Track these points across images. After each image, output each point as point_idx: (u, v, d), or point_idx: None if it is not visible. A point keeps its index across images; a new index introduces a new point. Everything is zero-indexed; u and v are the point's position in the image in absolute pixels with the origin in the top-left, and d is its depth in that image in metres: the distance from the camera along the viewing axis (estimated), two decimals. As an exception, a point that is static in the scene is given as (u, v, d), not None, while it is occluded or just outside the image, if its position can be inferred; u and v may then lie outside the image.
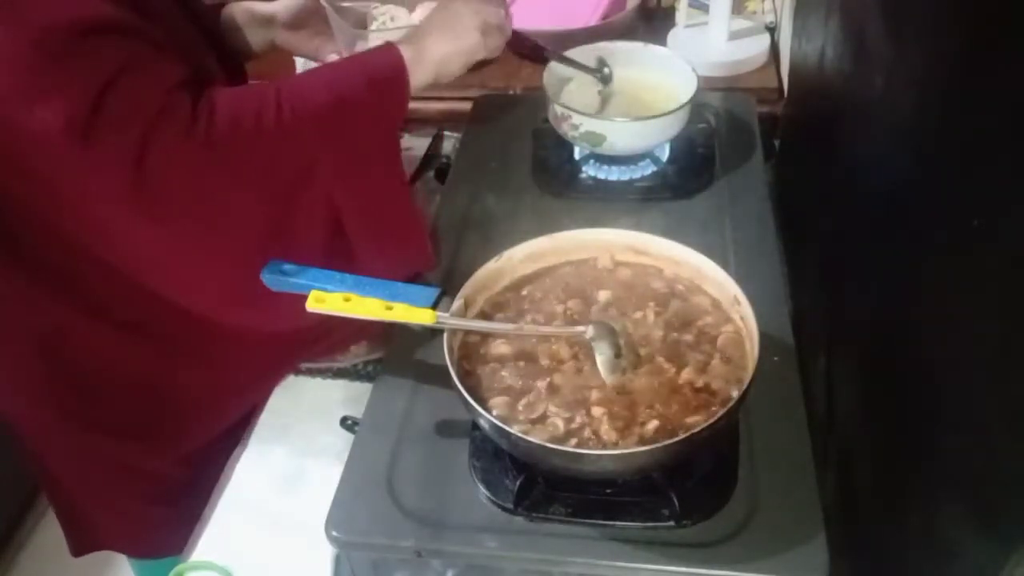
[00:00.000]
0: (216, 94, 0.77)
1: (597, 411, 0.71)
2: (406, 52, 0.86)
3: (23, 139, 0.71)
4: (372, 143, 0.84)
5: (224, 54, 1.01)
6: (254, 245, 0.80)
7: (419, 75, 0.86)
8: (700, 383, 0.73)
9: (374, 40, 1.21)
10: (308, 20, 1.09)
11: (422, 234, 0.92)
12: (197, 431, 1.01)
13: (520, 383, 0.74)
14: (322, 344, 1.01)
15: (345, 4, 1.20)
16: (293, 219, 0.81)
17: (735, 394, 0.70)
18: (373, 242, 0.87)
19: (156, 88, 0.73)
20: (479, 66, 1.47)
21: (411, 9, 1.33)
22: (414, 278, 0.93)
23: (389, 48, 0.87)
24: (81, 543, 1.10)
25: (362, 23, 1.28)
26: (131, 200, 0.74)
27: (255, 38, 1.07)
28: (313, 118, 0.80)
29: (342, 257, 0.85)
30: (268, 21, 1.07)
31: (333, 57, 1.09)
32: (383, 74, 0.85)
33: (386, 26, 1.28)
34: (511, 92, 1.41)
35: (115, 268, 0.82)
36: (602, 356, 0.73)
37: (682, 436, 0.66)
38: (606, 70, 1.13)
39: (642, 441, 0.69)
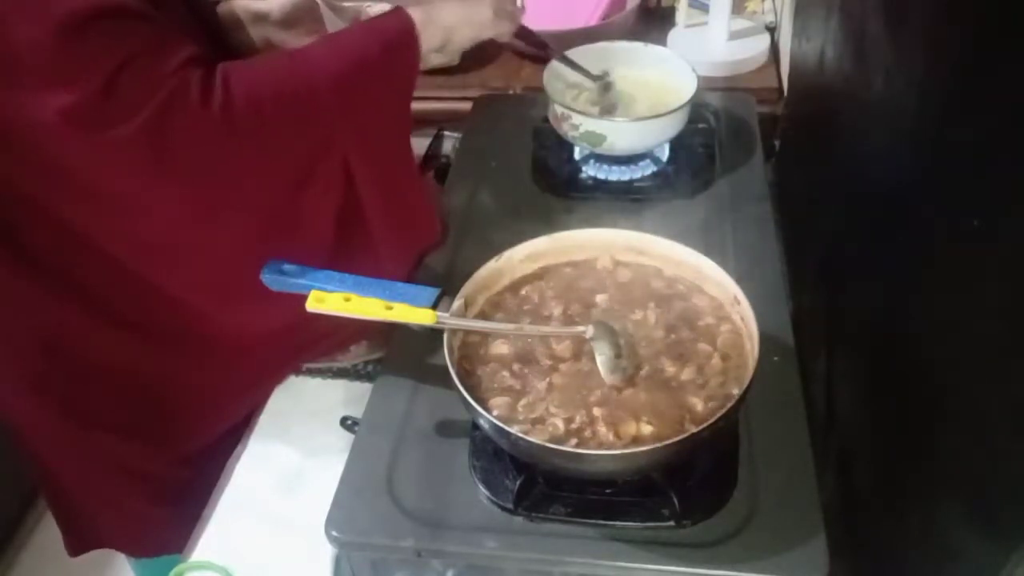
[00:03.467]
0: (230, 67, 0.78)
1: (597, 411, 0.71)
2: (415, 15, 0.86)
3: (37, 124, 0.72)
4: (385, 108, 0.86)
5: (223, 50, 1.01)
6: (270, 220, 0.81)
7: (428, 38, 0.87)
8: (700, 383, 0.73)
9: None
10: (302, 18, 1.09)
11: (430, 205, 0.94)
12: (198, 431, 1.01)
13: (520, 383, 0.74)
14: (322, 344, 1.01)
15: (341, 3, 1.20)
16: (310, 191, 0.82)
17: (735, 394, 0.70)
18: (386, 212, 0.88)
19: (168, 66, 0.74)
20: (482, 64, 1.48)
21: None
22: (418, 267, 0.95)
23: (398, 12, 0.87)
24: (79, 542, 1.10)
25: (357, 21, 1.28)
26: (149, 175, 0.75)
27: (254, 35, 1.07)
28: (330, 86, 0.81)
29: (355, 232, 0.86)
30: (262, 18, 1.07)
31: None
32: (394, 37, 0.86)
33: None
34: (511, 92, 1.41)
35: (119, 264, 0.83)
36: (602, 356, 0.73)
37: (682, 436, 0.66)
38: (608, 78, 1.13)
39: (642, 441, 0.69)
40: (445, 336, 0.74)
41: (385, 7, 1.25)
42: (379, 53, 0.84)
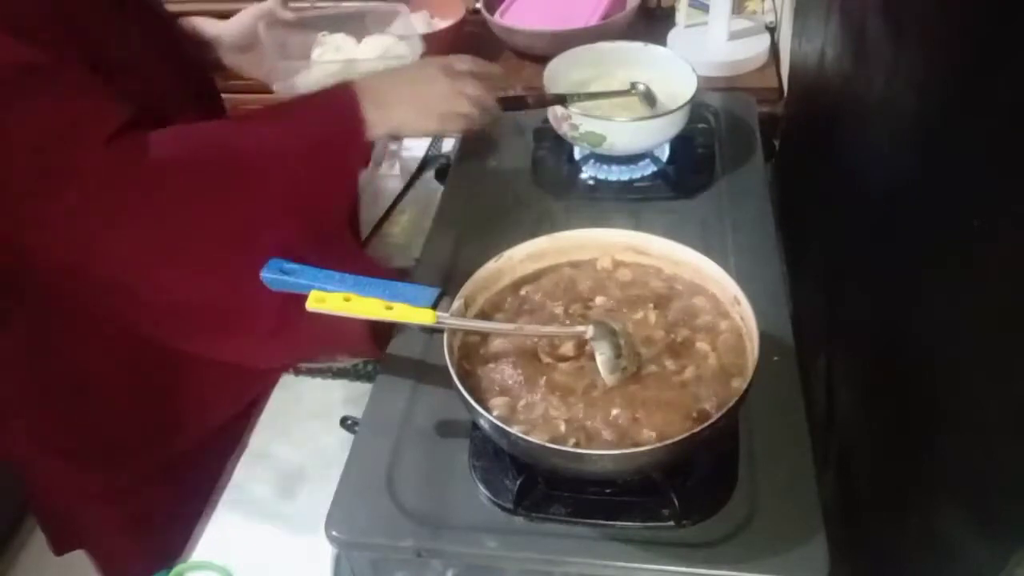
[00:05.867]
0: (160, 135, 0.77)
1: (597, 411, 0.71)
2: (369, 111, 0.86)
3: None
4: (326, 191, 0.87)
5: (188, 72, 1.00)
6: (218, 270, 0.82)
7: (375, 129, 0.87)
8: (700, 383, 0.73)
9: (315, 72, 1.19)
10: (256, 43, 1.09)
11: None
12: (188, 430, 1.01)
13: (520, 383, 0.74)
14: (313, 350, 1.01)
15: (289, 37, 1.18)
16: (248, 254, 0.81)
17: (735, 393, 0.70)
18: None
19: (99, 134, 0.73)
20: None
21: (359, 40, 1.30)
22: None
23: (352, 104, 0.86)
24: (62, 542, 1.10)
25: (305, 54, 1.26)
26: (92, 235, 0.76)
27: (218, 54, 1.08)
28: (265, 161, 0.81)
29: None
30: (215, 41, 1.07)
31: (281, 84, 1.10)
32: (342, 130, 0.85)
33: (329, 57, 1.25)
34: (511, 92, 1.41)
35: (102, 286, 0.83)
36: (602, 356, 0.73)
37: (682, 436, 0.66)
38: (640, 87, 1.11)
39: (642, 441, 0.69)
40: (445, 336, 0.74)
41: (331, 57, 1.23)
42: (324, 144, 0.84)
